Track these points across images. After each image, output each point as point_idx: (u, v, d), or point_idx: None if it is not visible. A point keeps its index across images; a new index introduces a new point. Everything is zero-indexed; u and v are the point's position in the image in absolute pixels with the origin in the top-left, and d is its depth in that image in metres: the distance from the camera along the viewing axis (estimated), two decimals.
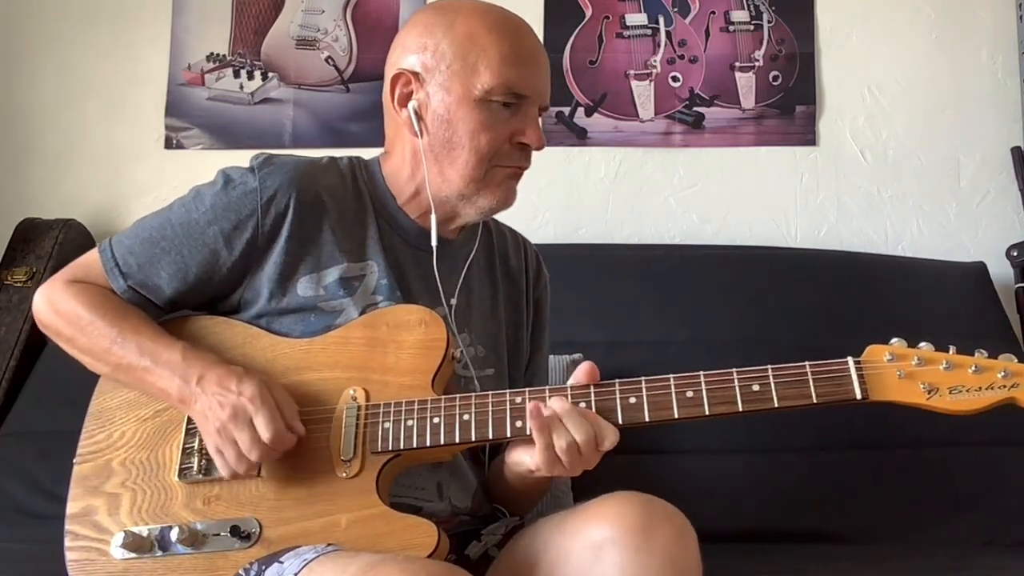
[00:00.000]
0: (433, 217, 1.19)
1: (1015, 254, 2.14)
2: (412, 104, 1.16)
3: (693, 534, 0.98)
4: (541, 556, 1.01)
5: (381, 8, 2.42)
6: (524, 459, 1.06)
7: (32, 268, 2.15)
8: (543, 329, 1.37)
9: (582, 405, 1.03)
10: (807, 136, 2.31)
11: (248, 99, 2.40)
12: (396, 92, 1.17)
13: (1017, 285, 2.14)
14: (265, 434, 1.03)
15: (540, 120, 1.18)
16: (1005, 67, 2.30)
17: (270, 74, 2.41)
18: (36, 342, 2.01)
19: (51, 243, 2.18)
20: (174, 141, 2.39)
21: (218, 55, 2.42)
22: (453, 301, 1.22)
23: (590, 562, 0.95)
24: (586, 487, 1.71)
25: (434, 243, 1.18)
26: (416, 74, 1.15)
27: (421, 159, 1.18)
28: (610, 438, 1.01)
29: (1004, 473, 1.79)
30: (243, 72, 2.41)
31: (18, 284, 2.12)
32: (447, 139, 1.15)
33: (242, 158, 1.20)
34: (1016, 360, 0.99)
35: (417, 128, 1.16)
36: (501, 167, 1.16)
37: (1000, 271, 2.16)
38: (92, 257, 1.19)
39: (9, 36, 2.45)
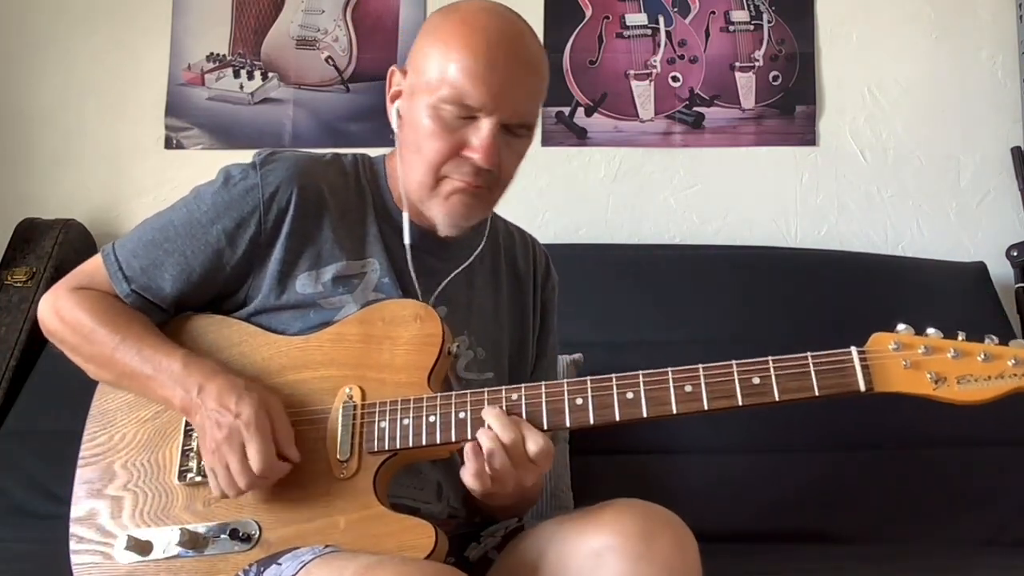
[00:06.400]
0: (405, 215, 1.18)
1: (1015, 254, 2.14)
2: (397, 102, 1.17)
3: (693, 541, 0.97)
4: (540, 562, 1.01)
5: (381, 8, 2.42)
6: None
7: (32, 268, 2.14)
8: (548, 333, 1.34)
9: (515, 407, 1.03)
10: (807, 136, 2.31)
11: (248, 99, 2.40)
12: (391, 87, 1.19)
13: (1017, 285, 2.14)
14: (255, 464, 1.02)
15: (498, 136, 1.10)
16: (1005, 67, 2.30)
17: (270, 74, 2.41)
18: (36, 342, 2.00)
19: (51, 243, 2.18)
20: (174, 141, 2.39)
21: (218, 55, 2.42)
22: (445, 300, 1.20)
23: (590, 569, 0.95)
24: (587, 486, 1.73)
25: (407, 241, 1.17)
26: (404, 72, 1.17)
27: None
28: (532, 445, 1.00)
29: (1005, 473, 1.79)
30: (243, 72, 2.40)
31: (18, 284, 2.12)
32: (411, 141, 1.14)
33: (242, 158, 1.20)
34: None
35: (395, 126, 1.18)
36: (450, 179, 1.12)
37: (1000, 271, 2.16)
38: (96, 263, 1.18)
39: (9, 36, 2.45)
